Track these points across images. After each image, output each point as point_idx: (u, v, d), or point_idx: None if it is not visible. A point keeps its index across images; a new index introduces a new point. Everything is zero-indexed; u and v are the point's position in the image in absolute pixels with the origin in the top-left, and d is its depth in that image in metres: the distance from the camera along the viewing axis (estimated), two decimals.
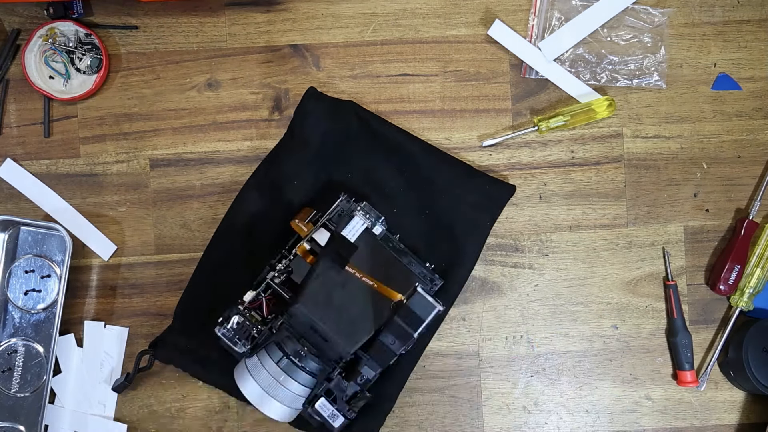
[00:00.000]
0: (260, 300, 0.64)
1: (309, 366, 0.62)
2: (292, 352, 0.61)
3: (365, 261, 0.64)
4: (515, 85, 0.71)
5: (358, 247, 0.64)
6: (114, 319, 0.70)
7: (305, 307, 0.62)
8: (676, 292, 0.70)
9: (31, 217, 0.70)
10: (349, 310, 0.63)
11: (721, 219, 0.72)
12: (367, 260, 0.64)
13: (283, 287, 0.64)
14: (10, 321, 0.68)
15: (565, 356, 0.71)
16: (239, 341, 0.62)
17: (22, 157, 0.70)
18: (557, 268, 0.71)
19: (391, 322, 0.63)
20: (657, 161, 0.72)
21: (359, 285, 0.63)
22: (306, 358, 0.61)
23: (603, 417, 0.71)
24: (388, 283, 0.64)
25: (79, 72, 0.70)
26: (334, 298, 0.63)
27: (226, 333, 0.62)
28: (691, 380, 0.70)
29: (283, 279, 0.64)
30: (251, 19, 0.71)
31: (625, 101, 0.71)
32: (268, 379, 0.61)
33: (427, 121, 0.71)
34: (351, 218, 0.64)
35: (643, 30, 0.71)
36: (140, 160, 0.71)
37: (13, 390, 0.68)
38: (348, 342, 0.62)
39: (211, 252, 0.69)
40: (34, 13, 0.70)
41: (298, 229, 0.65)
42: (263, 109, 0.71)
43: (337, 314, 0.62)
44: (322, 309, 0.62)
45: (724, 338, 0.70)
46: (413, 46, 0.71)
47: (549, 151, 0.71)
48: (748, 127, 0.72)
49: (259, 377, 0.61)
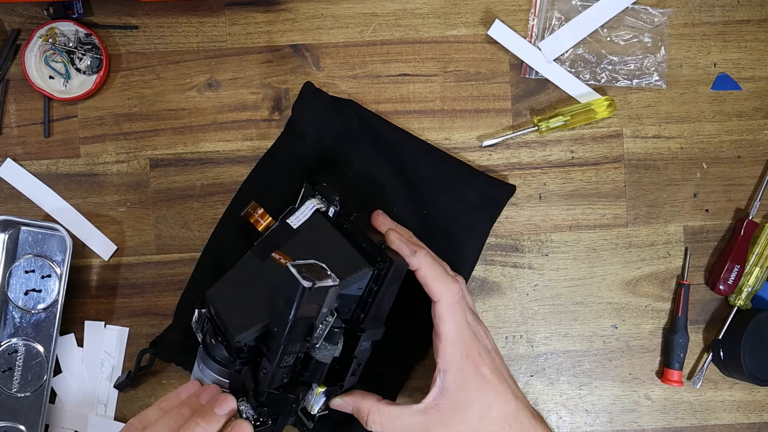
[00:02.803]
0: None
1: (218, 354, 0.56)
2: (206, 339, 0.57)
3: (302, 247, 0.58)
4: (515, 85, 0.71)
5: (298, 233, 0.59)
6: (114, 319, 0.71)
7: (216, 291, 0.57)
8: (687, 293, 0.70)
9: (31, 217, 0.70)
10: (253, 295, 0.56)
11: (721, 219, 0.72)
12: (306, 246, 0.58)
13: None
14: (11, 321, 0.68)
15: (564, 356, 0.72)
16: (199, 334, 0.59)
17: (22, 157, 0.70)
18: (557, 268, 0.71)
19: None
20: (657, 161, 0.72)
21: (276, 269, 0.57)
22: (214, 346, 0.56)
23: (602, 417, 0.72)
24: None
25: (79, 72, 0.70)
26: (243, 285, 0.57)
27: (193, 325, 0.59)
28: (677, 380, 0.70)
29: None
30: (251, 19, 0.71)
31: (625, 101, 0.71)
32: (197, 375, 0.58)
33: (427, 121, 0.71)
34: (302, 204, 0.61)
35: (643, 30, 0.71)
36: (140, 160, 0.71)
37: (13, 390, 0.68)
38: (239, 328, 0.53)
39: (211, 250, 0.69)
40: (34, 13, 0.70)
41: (256, 223, 0.62)
42: (263, 109, 0.71)
43: (241, 300, 0.56)
44: (229, 294, 0.57)
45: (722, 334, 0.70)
46: (413, 46, 0.71)
47: (549, 151, 0.71)
48: (748, 127, 0.72)
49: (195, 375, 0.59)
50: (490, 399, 0.56)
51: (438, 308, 0.56)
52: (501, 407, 0.56)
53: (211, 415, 0.52)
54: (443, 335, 0.56)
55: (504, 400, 0.56)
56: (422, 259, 0.57)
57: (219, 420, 0.52)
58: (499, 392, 0.56)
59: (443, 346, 0.56)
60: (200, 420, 0.52)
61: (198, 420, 0.52)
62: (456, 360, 0.56)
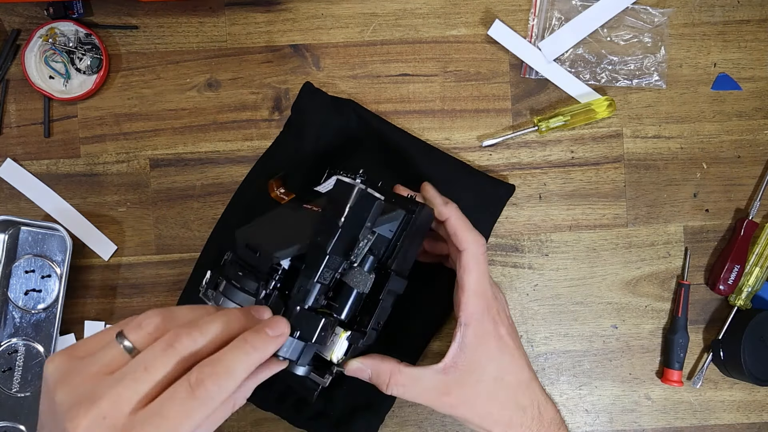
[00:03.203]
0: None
1: (248, 286, 0.53)
2: (231, 275, 0.55)
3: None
4: (515, 85, 0.71)
5: (323, 194, 0.60)
6: (114, 319, 0.71)
7: (247, 228, 0.56)
8: (687, 293, 0.71)
9: (31, 217, 0.70)
10: (289, 228, 0.56)
11: (721, 219, 0.72)
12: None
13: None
14: (11, 321, 0.68)
15: (564, 356, 0.72)
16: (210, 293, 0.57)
17: (22, 157, 0.70)
18: (557, 268, 0.71)
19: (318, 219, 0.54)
20: (657, 161, 0.72)
21: (309, 213, 0.57)
22: (244, 277, 0.53)
23: (602, 416, 0.72)
24: None
25: (79, 72, 0.70)
26: (278, 223, 0.57)
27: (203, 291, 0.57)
28: (677, 380, 0.70)
29: None
30: (251, 19, 0.71)
31: (625, 101, 0.71)
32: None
33: (427, 121, 0.71)
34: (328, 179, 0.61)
35: (643, 30, 0.71)
36: (140, 160, 0.71)
37: (13, 390, 0.68)
38: (276, 247, 0.52)
39: (210, 249, 0.69)
40: (34, 13, 0.70)
41: (279, 198, 0.62)
42: (263, 109, 0.71)
43: (275, 230, 0.56)
44: (262, 229, 0.56)
45: (722, 334, 0.70)
46: (413, 46, 0.71)
47: (549, 151, 0.71)
48: (748, 127, 0.72)
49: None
50: (506, 362, 0.56)
51: (464, 257, 0.56)
52: (515, 373, 0.57)
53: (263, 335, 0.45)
54: (467, 286, 0.56)
55: (518, 366, 0.57)
56: (453, 210, 0.59)
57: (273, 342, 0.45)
58: (515, 358, 0.57)
59: (466, 298, 0.56)
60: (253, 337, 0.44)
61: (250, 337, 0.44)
62: (477, 313, 0.56)
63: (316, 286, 0.52)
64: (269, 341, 0.45)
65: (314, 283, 0.52)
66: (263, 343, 0.44)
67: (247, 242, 0.54)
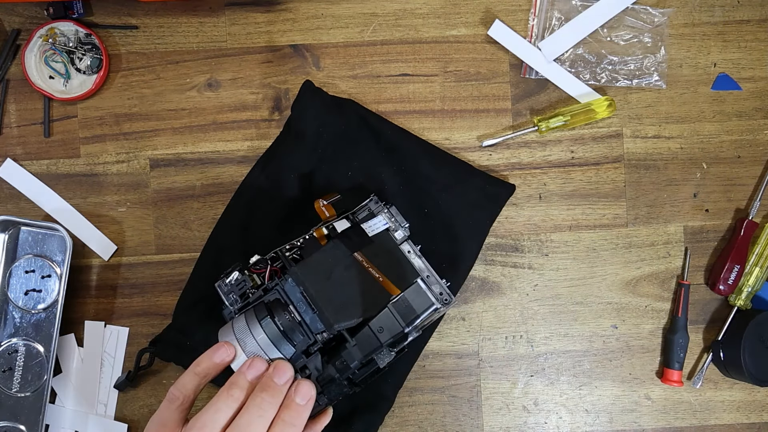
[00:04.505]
0: (264, 268, 0.61)
1: (296, 339, 0.57)
2: (281, 320, 0.57)
3: (377, 256, 0.61)
4: (515, 85, 0.71)
5: (373, 242, 0.62)
6: (114, 319, 0.71)
7: (302, 271, 0.58)
8: (687, 293, 0.71)
9: (31, 217, 0.70)
10: (345, 289, 0.59)
11: (721, 219, 0.72)
12: (379, 256, 0.61)
13: (291, 262, 0.61)
14: (11, 321, 0.68)
15: (564, 356, 0.72)
16: (233, 297, 0.60)
17: (22, 157, 0.70)
18: (557, 268, 0.71)
19: (383, 311, 0.59)
20: (657, 161, 0.72)
21: (362, 271, 0.60)
22: (294, 330, 0.57)
23: (602, 416, 0.72)
24: (394, 281, 0.61)
25: (79, 72, 0.70)
26: (333, 274, 0.59)
27: (223, 286, 0.60)
28: (677, 380, 0.70)
29: (293, 255, 0.62)
30: (251, 19, 0.71)
31: (625, 101, 0.71)
32: (254, 348, 0.57)
33: (427, 121, 0.71)
34: (374, 216, 0.64)
35: (643, 30, 0.71)
36: (140, 160, 0.71)
37: (13, 390, 0.68)
38: (336, 316, 0.56)
39: (210, 249, 0.69)
40: (34, 13, 0.70)
41: (320, 211, 0.63)
42: (263, 109, 0.71)
43: (332, 288, 0.58)
44: (318, 279, 0.58)
45: (722, 334, 0.70)
46: (413, 46, 0.71)
47: (549, 151, 0.71)
48: (748, 127, 0.72)
49: (246, 345, 0.57)
50: None
51: None
52: None
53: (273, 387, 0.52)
54: None
55: None
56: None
57: (281, 391, 0.53)
58: None
59: None
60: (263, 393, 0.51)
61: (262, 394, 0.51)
62: None
63: (358, 365, 0.58)
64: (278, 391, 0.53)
65: (359, 363, 0.58)
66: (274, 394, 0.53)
67: (305, 291, 0.57)
